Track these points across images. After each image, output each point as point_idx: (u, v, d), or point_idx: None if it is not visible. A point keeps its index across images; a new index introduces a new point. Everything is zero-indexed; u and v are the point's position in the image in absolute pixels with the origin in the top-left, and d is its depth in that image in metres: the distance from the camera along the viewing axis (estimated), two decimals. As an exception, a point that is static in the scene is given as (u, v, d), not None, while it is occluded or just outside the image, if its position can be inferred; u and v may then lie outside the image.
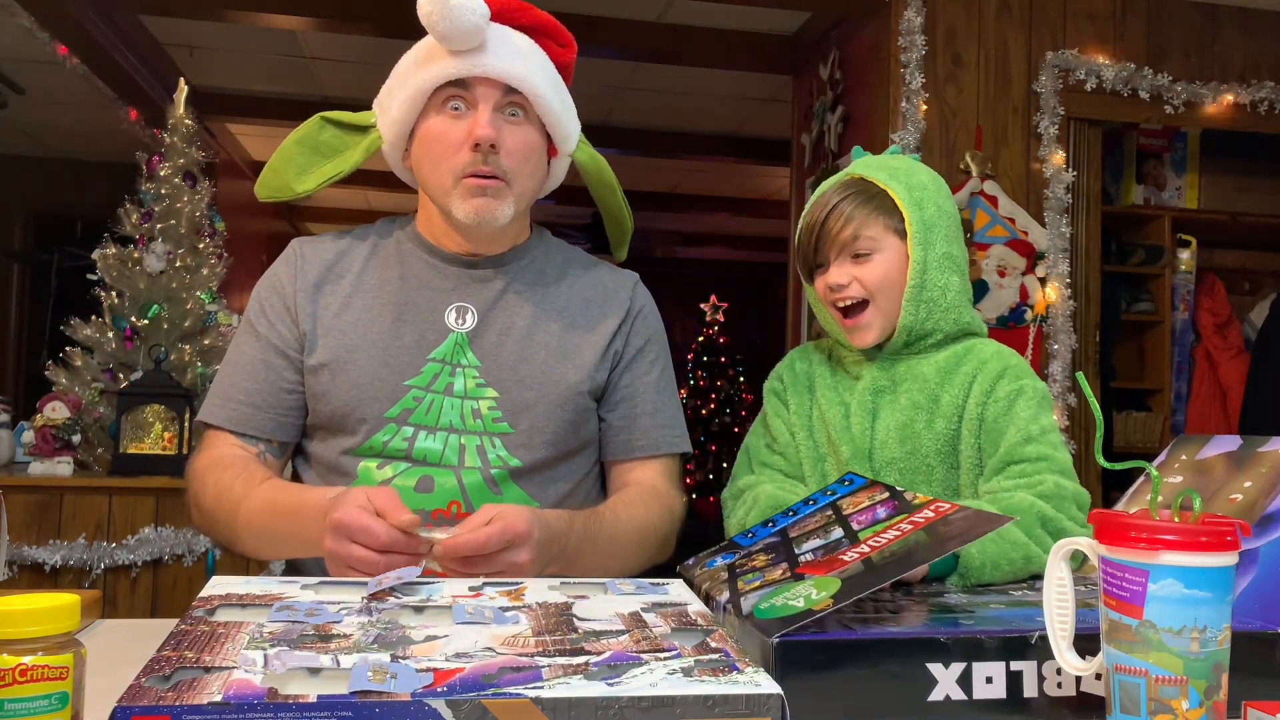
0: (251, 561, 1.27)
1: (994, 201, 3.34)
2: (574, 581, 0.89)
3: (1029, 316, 3.33)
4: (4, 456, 3.11)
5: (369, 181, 5.37)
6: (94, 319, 3.15)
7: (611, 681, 0.62)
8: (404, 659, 0.65)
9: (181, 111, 3.27)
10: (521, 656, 0.66)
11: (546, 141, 1.27)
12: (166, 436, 2.99)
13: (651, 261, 8.81)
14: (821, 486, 1.20)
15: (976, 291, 3.28)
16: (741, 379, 8.34)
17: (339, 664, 0.64)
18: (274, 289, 1.27)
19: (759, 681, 0.63)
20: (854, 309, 1.28)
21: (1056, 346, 3.30)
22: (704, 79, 4.67)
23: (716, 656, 0.68)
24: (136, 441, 2.97)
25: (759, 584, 0.87)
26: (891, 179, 1.28)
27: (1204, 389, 3.98)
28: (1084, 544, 0.71)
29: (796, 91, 4.20)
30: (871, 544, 0.86)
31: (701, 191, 7.10)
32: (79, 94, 4.41)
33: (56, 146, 5.80)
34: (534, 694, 0.59)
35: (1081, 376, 0.84)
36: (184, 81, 3.34)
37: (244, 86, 5.04)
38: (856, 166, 1.33)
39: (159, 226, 3.18)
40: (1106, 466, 0.75)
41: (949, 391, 1.24)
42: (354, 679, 0.60)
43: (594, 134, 1.33)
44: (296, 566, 1.25)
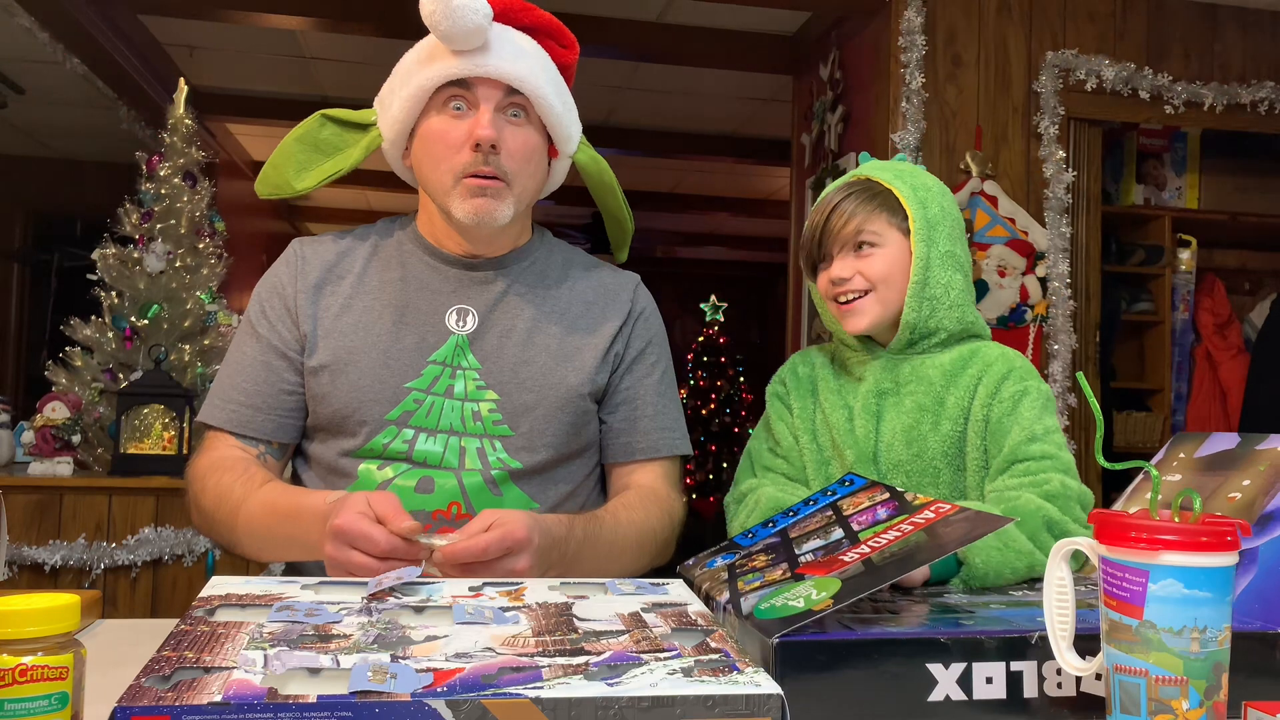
0: (251, 562, 1.27)
1: (994, 201, 3.34)
2: (574, 582, 0.89)
3: (1029, 316, 3.33)
4: (4, 456, 3.11)
5: (369, 181, 5.38)
6: (94, 319, 3.15)
7: (611, 681, 0.62)
8: (404, 659, 0.65)
9: (181, 111, 3.27)
10: (521, 656, 0.66)
11: (547, 142, 1.27)
12: (166, 436, 2.99)
13: (651, 261, 8.81)
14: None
15: (976, 291, 3.28)
16: (741, 379, 8.33)
17: (339, 664, 0.64)
18: (274, 290, 1.27)
19: (759, 681, 0.63)
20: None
21: (1056, 346, 3.30)
22: (704, 79, 4.66)
23: (716, 656, 0.68)
24: (136, 441, 2.97)
25: (759, 584, 0.87)
26: (896, 178, 1.29)
27: (1204, 389, 3.98)
28: (1084, 544, 0.71)
29: (796, 91, 4.19)
30: (872, 544, 0.86)
31: (701, 191, 7.10)
32: (79, 94, 4.41)
33: (56, 146, 5.79)
34: (534, 694, 0.59)
35: (1081, 376, 0.84)
36: (184, 81, 3.34)
37: (244, 86, 5.03)
38: (862, 169, 1.34)
39: (159, 226, 3.18)
40: (1106, 466, 0.76)
41: (954, 394, 1.24)
42: (354, 679, 0.60)
43: (594, 134, 1.32)
44: (297, 567, 1.25)
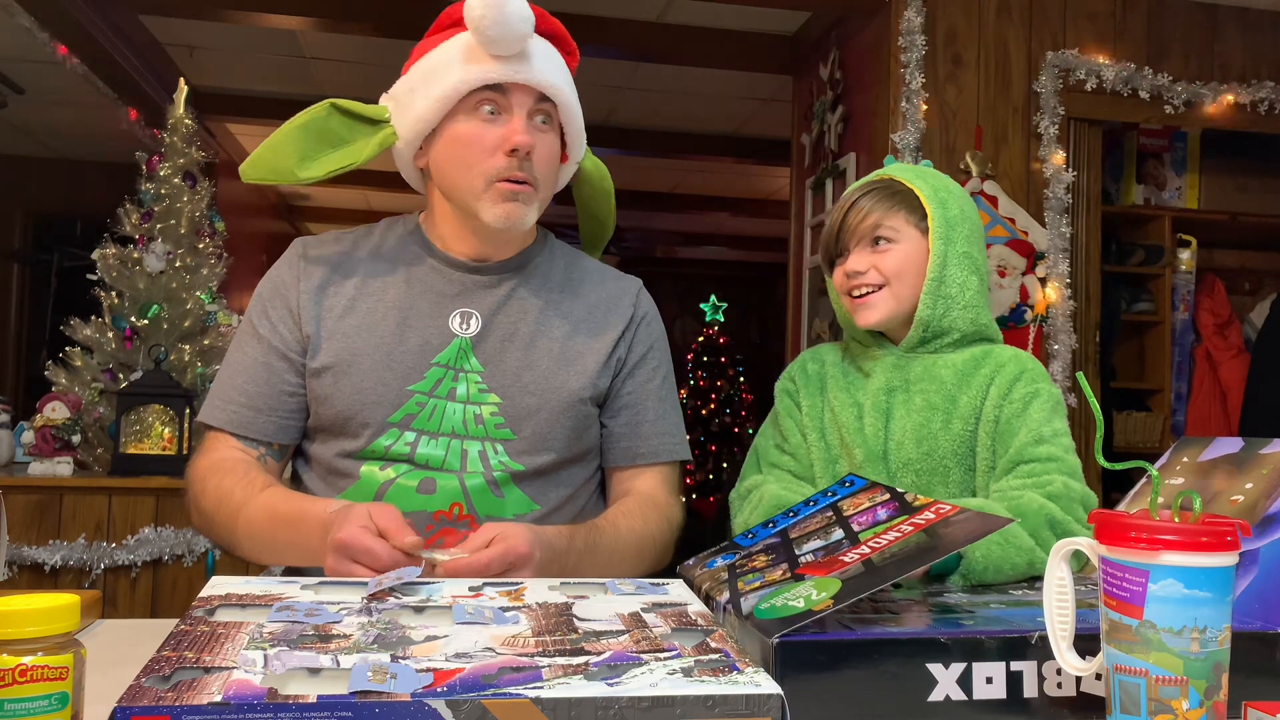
0: (253, 563, 1.27)
1: (994, 201, 3.34)
2: (574, 582, 0.89)
3: (1029, 316, 3.33)
4: (4, 456, 3.11)
5: (369, 181, 5.38)
6: (94, 319, 3.15)
7: (611, 681, 0.62)
8: (404, 659, 0.65)
9: (181, 111, 3.27)
10: (521, 656, 0.66)
11: (562, 148, 1.27)
12: (166, 436, 2.98)
13: (651, 261, 8.80)
14: None
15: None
16: (741, 379, 8.33)
17: (339, 664, 0.64)
18: (277, 291, 1.27)
19: (759, 681, 0.63)
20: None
21: (1056, 346, 3.30)
22: (704, 79, 4.66)
23: (716, 656, 0.68)
24: (136, 441, 2.97)
25: (759, 584, 0.87)
26: (918, 178, 1.30)
27: (1204, 389, 3.98)
28: (1084, 544, 0.71)
29: (796, 91, 4.19)
30: (872, 545, 0.86)
31: (701, 191, 7.09)
32: (79, 94, 4.41)
33: (56, 146, 5.79)
34: (534, 694, 0.59)
35: (1081, 376, 0.84)
36: (184, 81, 3.34)
37: (244, 86, 5.03)
38: (885, 169, 1.35)
39: (159, 226, 3.18)
40: (1106, 466, 0.76)
41: (967, 394, 1.25)
42: (354, 679, 0.60)
43: (594, 134, 1.33)
44: (297, 567, 1.25)
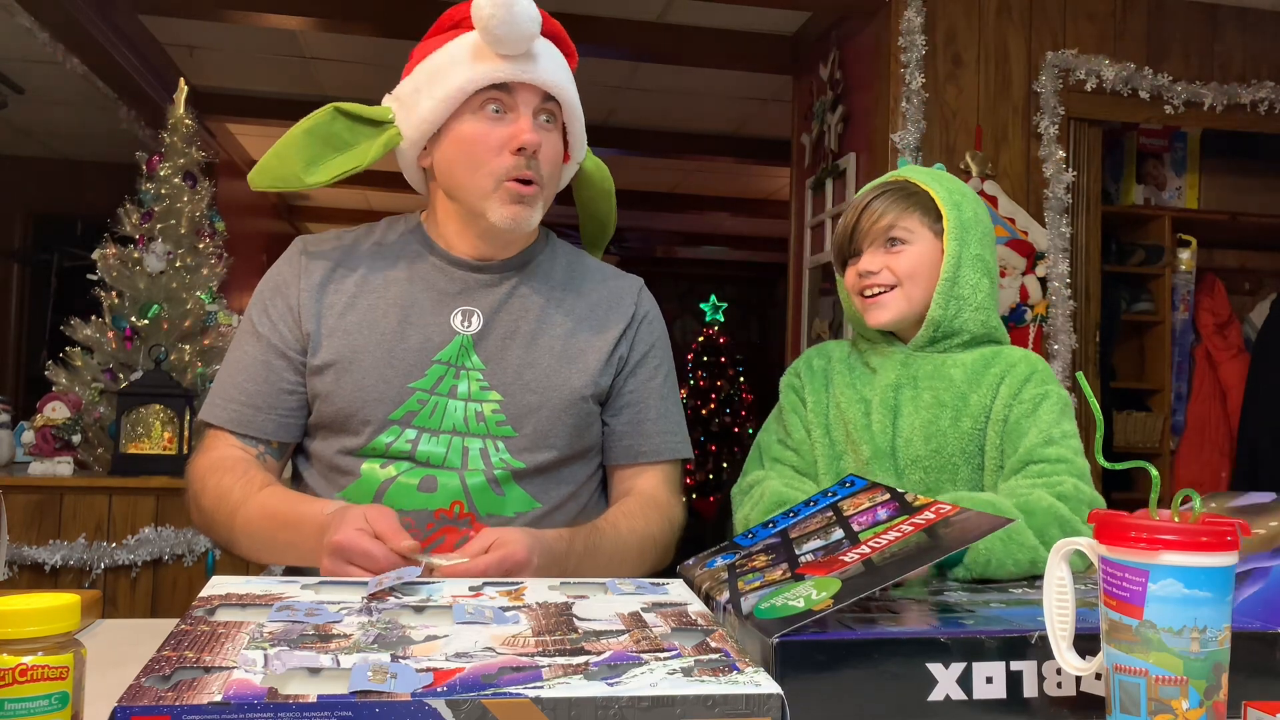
0: (252, 562, 1.27)
1: (994, 201, 3.34)
2: (574, 582, 0.89)
3: (1029, 316, 3.33)
4: (4, 456, 3.11)
5: (369, 181, 5.38)
6: (94, 319, 3.15)
7: (611, 681, 0.62)
8: (404, 659, 0.65)
9: (181, 111, 3.27)
10: (521, 656, 0.66)
11: (563, 148, 1.28)
12: (166, 436, 2.98)
13: (651, 261, 8.80)
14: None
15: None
16: (741, 379, 8.33)
17: (339, 664, 0.64)
18: (277, 289, 1.27)
19: (759, 681, 0.63)
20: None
21: (1056, 346, 3.30)
22: (704, 79, 4.66)
23: (716, 656, 0.68)
24: (136, 441, 2.97)
25: (759, 584, 0.87)
26: (932, 180, 1.31)
27: (1204, 389, 3.97)
28: (1084, 544, 0.71)
29: (796, 91, 4.19)
30: (872, 545, 0.86)
31: (701, 191, 7.09)
32: (79, 94, 4.41)
33: (56, 146, 5.79)
34: (534, 694, 0.59)
35: (1081, 376, 0.84)
36: (184, 81, 3.34)
37: (244, 86, 5.03)
38: (899, 171, 1.36)
39: (159, 226, 3.18)
40: (1106, 466, 0.76)
41: (977, 393, 1.25)
42: (354, 679, 0.60)
43: (594, 134, 1.33)
44: (297, 567, 1.25)
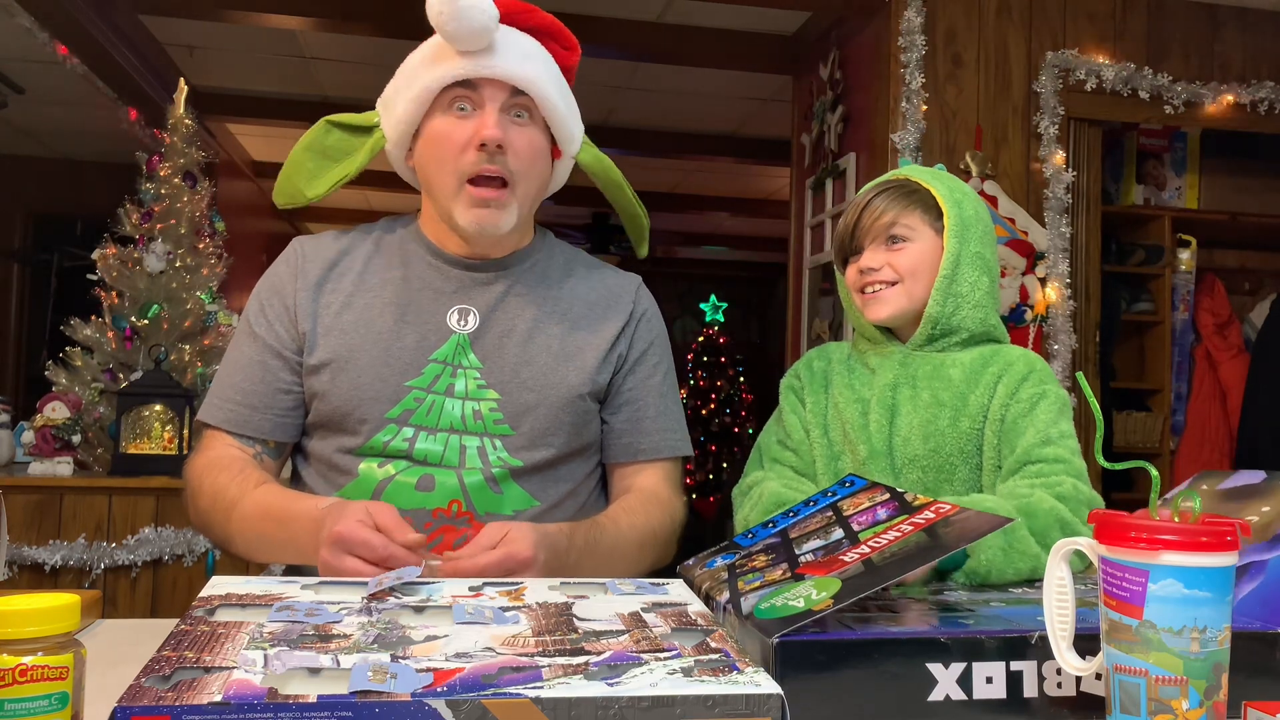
0: (250, 561, 1.27)
1: (994, 201, 3.33)
2: (574, 582, 0.89)
3: (1029, 316, 3.33)
4: (4, 456, 3.11)
5: (369, 181, 5.36)
6: (94, 319, 3.15)
7: (611, 681, 0.62)
8: (404, 659, 0.65)
9: (181, 111, 3.27)
10: (521, 656, 0.66)
11: (551, 143, 1.27)
12: (166, 436, 2.98)
13: (651, 261, 8.75)
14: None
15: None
16: (741, 379, 8.33)
17: (339, 664, 0.64)
18: (274, 289, 1.27)
19: (759, 681, 0.63)
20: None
21: (1056, 346, 3.30)
22: (704, 79, 4.66)
23: (716, 656, 0.68)
24: (136, 441, 2.97)
25: (759, 584, 0.87)
26: (933, 179, 1.31)
27: (1204, 389, 3.97)
28: (1084, 544, 0.71)
29: (796, 91, 4.19)
30: (872, 545, 0.86)
31: (701, 191, 7.10)
32: (79, 94, 4.41)
33: (56, 146, 5.79)
34: (534, 694, 0.59)
35: (1081, 376, 0.84)
36: (184, 81, 3.34)
37: (244, 86, 5.03)
38: (900, 170, 1.37)
39: (159, 226, 3.18)
40: (1106, 466, 0.76)
41: (976, 392, 1.25)
42: (354, 679, 0.60)
43: (594, 134, 1.33)
44: (297, 566, 1.25)
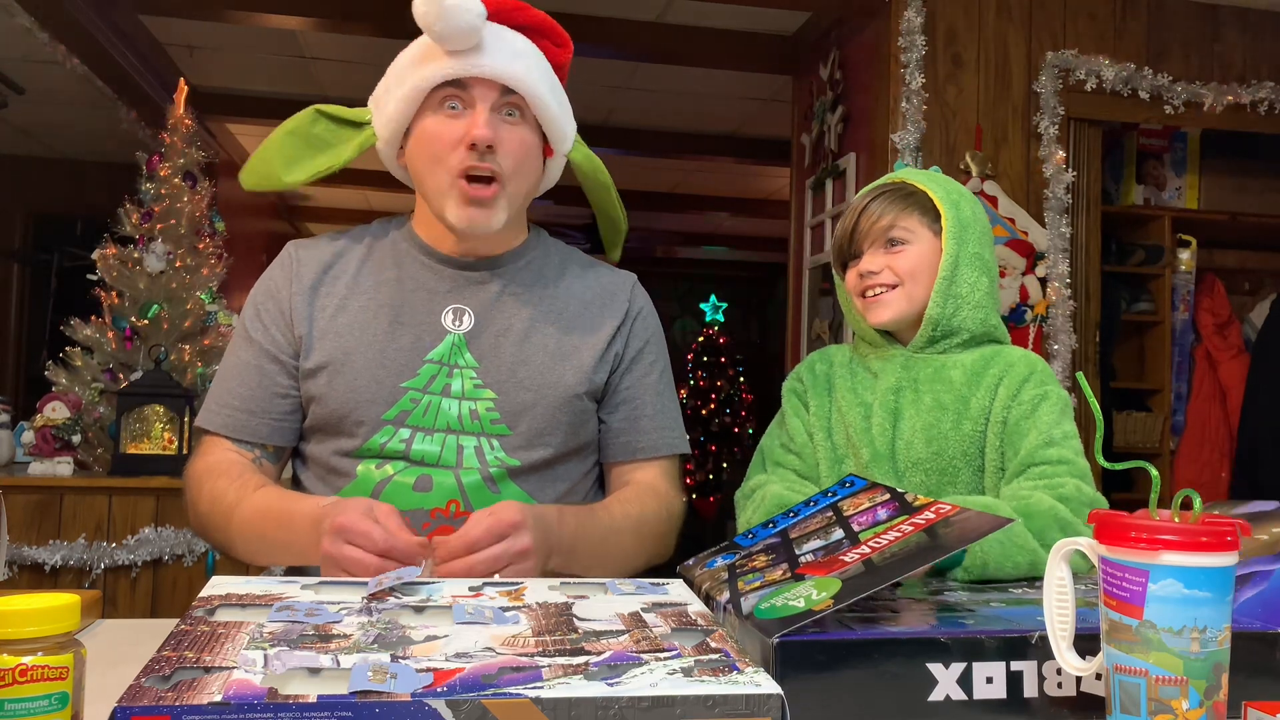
0: (249, 564, 1.27)
1: (994, 201, 3.34)
2: (574, 581, 0.89)
3: (1029, 316, 3.33)
4: (4, 456, 3.11)
5: (369, 181, 5.38)
6: (94, 319, 3.15)
7: (611, 681, 0.62)
8: (404, 659, 0.65)
9: (181, 111, 3.27)
10: (521, 656, 0.66)
11: (542, 141, 1.27)
12: (166, 436, 2.98)
13: (651, 261, 8.80)
14: None
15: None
16: (741, 379, 8.33)
17: (339, 664, 0.64)
18: (269, 294, 1.27)
19: (759, 681, 0.63)
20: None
21: (1056, 346, 3.30)
22: (704, 79, 4.66)
23: (716, 656, 0.68)
24: (136, 441, 2.97)
25: (759, 584, 0.87)
26: (930, 181, 1.32)
27: (1204, 389, 3.97)
28: (1084, 544, 0.71)
29: (796, 91, 4.19)
30: (872, 545, 0.86)
31: (701, 191, 7.10)
32: (79, 94, 4.41)
33: (56, 146, 5.78)
34: (534, 694, 0.59)
35: (1081, 376, 0.84)
36: (184, 81, 3.34)
37: (244, 86, 5.03)
38: (896, 173, 1.37)
39: (159, 226, 3.18)
40: (1106, 466, 0.76)
41: (977, 395, 1.25)
42: (354, 679, 0.60)
43: (594, 134, 1.33)
44: (298, 567, 1.25)
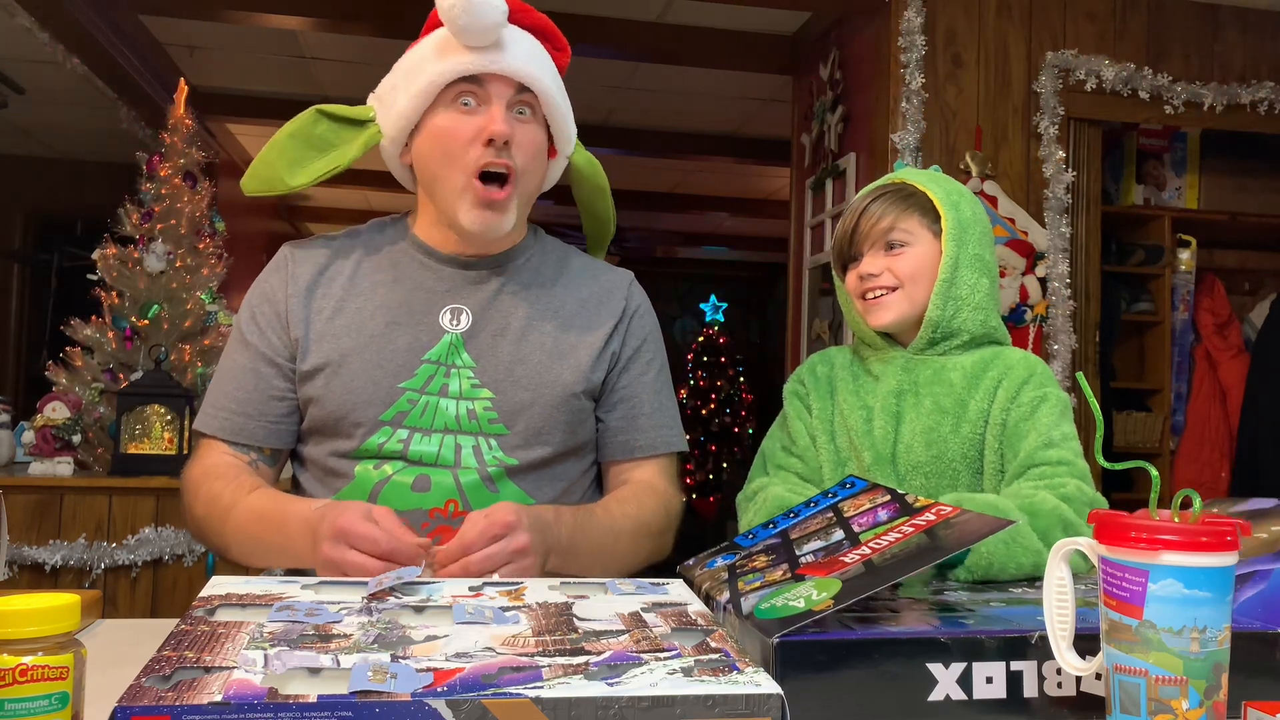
0: (245, 567, 1.27)
1: (994, 201, 3.34)
2: (574, 581, 0.89)
3: (1029, 316, 3.33)
4: (4, 456, 3.11)
5: (369, 181, 5.38)
6: (94, 319, 3.15)
7: (611, 681, 0.62)
8: (404, 659, 0.65)
9: (181, 111, 3.27)
10: (521, 656, 0.66)
11: (548, 142, 1.27)
12: (166, 436, 2.98)
13: (651, 261, 8.80)
14: None
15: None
16: (741, 379, 8.33)
17: (339, 664, 0.64)
18: (265, 297, 1.27)
19: (759, 681, 0.63)
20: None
21: (1056, 346, 3.30)
22: (704, 79, 4.66)
23: (716, 656, 0.68)
24: (136, 441, 2.97)
25: (759, 584, 0.87)
26: (930, 181, 1.31)
27: (1204, 389, 3.97)
28: (1084, 544, 0.71)
29: (796, 91, 4.19)
30: (873, 546, 0.86)
31: (701, 191, 7.09)
32: (79, 94, 4.41)
33: (56, 146, 5.79)
34: (534, 694, 0.59)
35: (1081, 376, 0.84)
36: (184, 81, 3.34)
37: (244, 86, 5.03)
38: (895, 174, 1.36)
39: (159, 226, 3.18)
40: (1106, 466, 0.76)
41: (976, 397, 1.25)
42: (354, 679, 0.60)
43: (594, 134, 1.33)
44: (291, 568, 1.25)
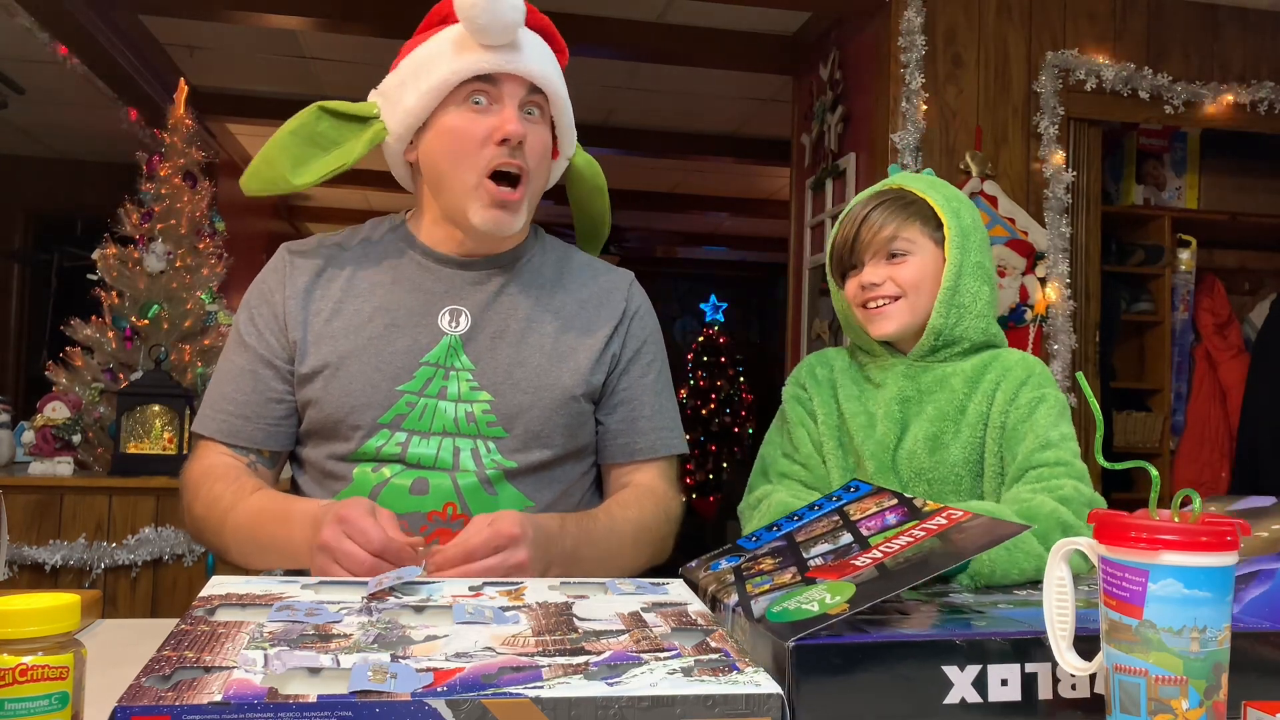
0: (243, 568, 1.27)
1: (994, 201, 3.34)
2: (574, 581, 0.89)
3: (1029, 316, 3.33)
4: (4, 456, 3.11)
5: (369, 181, 5.38)
6: (94, 319, 3.16)
7: (611, 681, 0.62)
8: (404, 659, 0.65)
9: (181, 111, 3.27)
10: (521, 656, 0.66)
11: (553, 143, 1.27)
12: (166, 436, 2.98)
13: (651, 261, 8.80)
14: None
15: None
16: (741, 379, 8.33)
17: (339, 664, 0.64)
18: (263, 298, 1.26)
19: (759, 681, 0.63)
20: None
21: (1056, 346, 3.30)
22: (704, 79, 4.66)
23: (716, 656, 0.68)
24: (136, 441, 2.97)
25: (769, 587, 0.86)
26: (930, 188, 1.30)
27: (1204, 389, 3.97)
28: (1084, 544, 0.71)
29: (796, 91, 4.19)
30: (884, 550, 0.85)
31: (701, 191, 7.09)
32: (79, 94, 4.41)
33: (56, 146, 5.79)
34: (534, 694, 0.59)
35: (1081, 376, 0.84)
36: (184, 81, 3.34)
37: (244, 86, 5.03)
38: (893, 179, 1.34)
39: (159, 226, 3.19)
40: (1106, 466, 0.76)
41: (975, 400, 1.25)
42: (354, 679, 0.60)
43: (594, 134, 1.34)
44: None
